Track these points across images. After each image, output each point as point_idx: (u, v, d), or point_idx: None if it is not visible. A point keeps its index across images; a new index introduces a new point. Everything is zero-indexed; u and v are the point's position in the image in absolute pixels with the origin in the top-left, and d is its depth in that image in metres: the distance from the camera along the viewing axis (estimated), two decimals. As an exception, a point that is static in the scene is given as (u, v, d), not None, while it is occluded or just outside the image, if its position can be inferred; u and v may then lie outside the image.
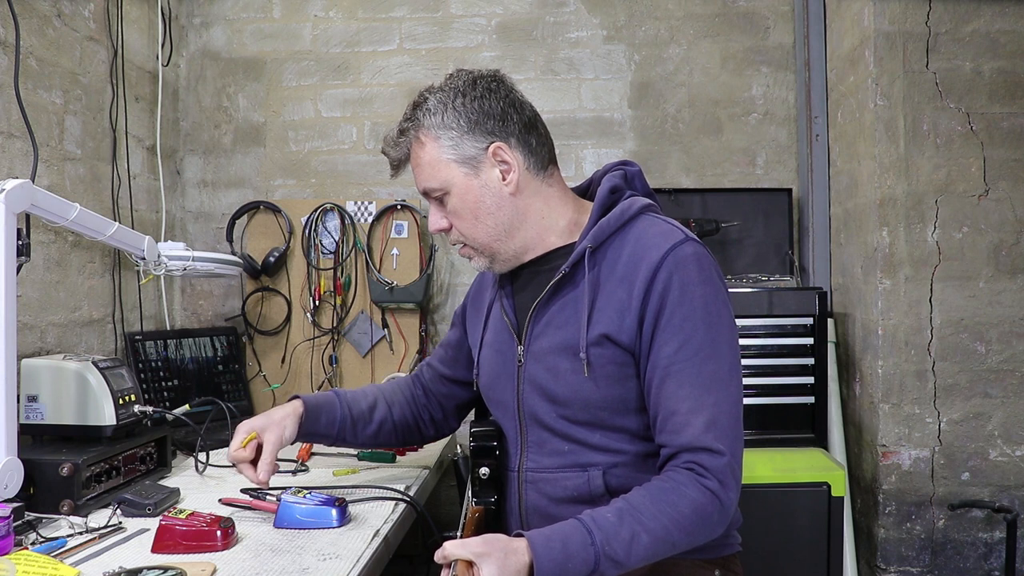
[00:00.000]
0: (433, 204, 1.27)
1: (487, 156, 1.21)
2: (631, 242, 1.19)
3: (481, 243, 1.26)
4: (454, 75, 1.26)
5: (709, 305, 1.14)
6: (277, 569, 1.20)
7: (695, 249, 1.16)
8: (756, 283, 2.47)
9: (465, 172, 1.22)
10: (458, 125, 1.21)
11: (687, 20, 2.63)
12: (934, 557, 2.12)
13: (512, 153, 1.22)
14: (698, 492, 1.07)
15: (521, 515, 1.26)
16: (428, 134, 1.22)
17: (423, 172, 1.24)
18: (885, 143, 2.14)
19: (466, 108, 1.21)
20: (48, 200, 1.49)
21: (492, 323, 1.36)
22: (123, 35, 2.31)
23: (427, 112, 1.22)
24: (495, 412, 1.35)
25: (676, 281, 1.13)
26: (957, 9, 2.11)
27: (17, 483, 1.35)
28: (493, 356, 1.34)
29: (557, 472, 1.22)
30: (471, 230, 1.25)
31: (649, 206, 1.25)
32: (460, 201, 1.23)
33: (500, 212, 1.23)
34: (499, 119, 1.22)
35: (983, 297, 2.12)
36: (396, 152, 1.26)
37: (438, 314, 2.67)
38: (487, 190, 1.22)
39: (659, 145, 2.64)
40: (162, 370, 2.29)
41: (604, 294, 1.18)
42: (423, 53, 2.69)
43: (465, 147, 1.21)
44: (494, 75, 1.26)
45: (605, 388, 1.17)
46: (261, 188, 2.71)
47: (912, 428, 2.13)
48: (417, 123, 1.23)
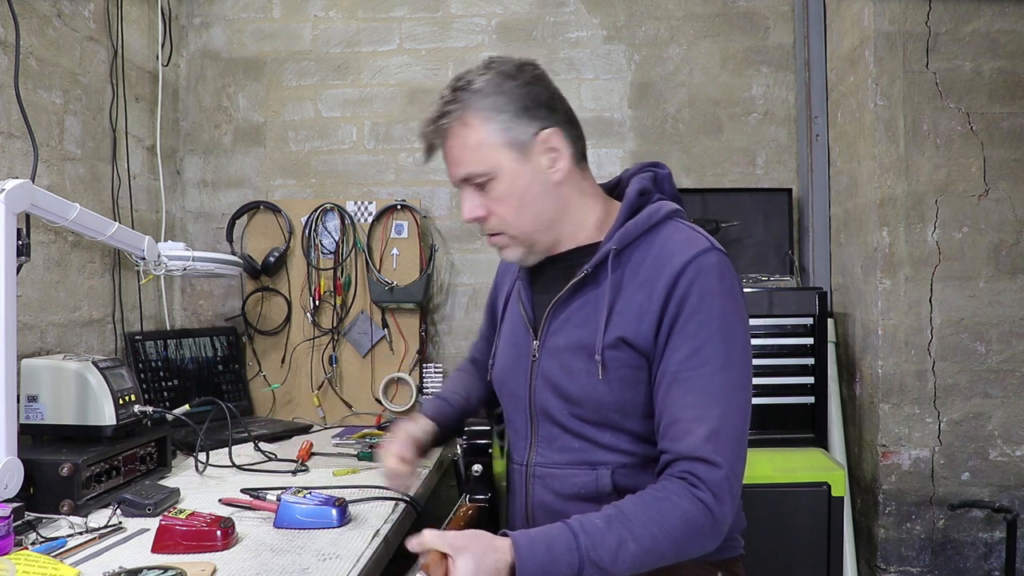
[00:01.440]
0: (469, 191, 1.20)
1: (536, 142, 1.18)
2: (656, 247, 1.18)
3: (523, 232, 1.21)
4: (495, 60, 1.20)
5: (726, 316, 1.12)
6: (277, 569, 1.20)
7: (719, 259, 1.15)
8: (756, 283, 2.47)
9: (514, 157, 1.17)
10: (510, 108, 1.16)
11: (687, 20, 2.63)
12: (934, 557, 2.12)
13: (561, 139, 1.19)
14: (690, 504, 1.05)
15: (527, 510, 1.25)
16: (477, 116, 1.16)
17: (468, 155, 1.17)
18: (885, 143, 2.14)
19: (517, 92, 1.17)
20: (48, 200, 1.49)
21: (509, 315, 1.35)
22: (123, 35, 2.31)
23: (475, 93, 1.16)
24: (505, 405, 1.34)
25: (696, 288, 1.12)
26: (957, 9, 2.11)
27: (17, 483, 1.35)
28: (508, 349, 1.33)
29: (566, 468, 1.21)
30: (515, 218, 1.20)
31: (676, 211, 1.23)
32: (507, 187, 1.18)
33: (545, 200, 1.20)
34: (547, 106, 1.19)
35: (983, 297, 2.12)
36: (435, 134, 1.19)
37: (438, 314, 2.67)
38: (536, 177, 1.18)
39: (659, 145, 2.64)
40: (162, 370, 2.29)
41: (624, 297, 1.17)
42: (423, 53, 2.69)
43: (516, 131, 1.16)
44: (535, 63, 1.22)
45: (618, 391, 1.16)
46: (261, 188, 2.71)
47: (912, 428, 2.13)
48: (464, 104, 1.16)
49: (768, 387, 2.23)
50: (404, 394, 2.53)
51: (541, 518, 1.23)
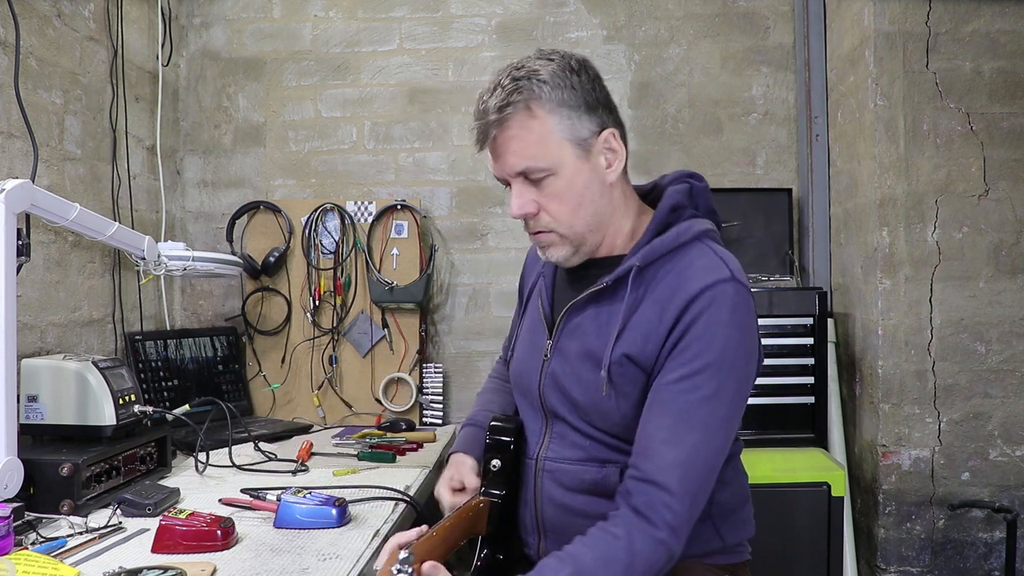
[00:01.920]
0: (520, 185, 1.15)
1: (598, 141, 1.15)
2: (678, 269, 1.15)
3: (576, 232, 1.17)
4: (556, 52, 1.16)
5: (727, 349, 1.10)
6: (277, 569, 1.20)
7: (736, 290, 1.12)
8: (756, 283, 2.47)
9: (577, 154, 1.14)
10: (577, 103, 1.12)
11: (687, 20, 2.63)
12: (934, 557, 2.12)
13: (619, 142, 1.17)
14: (651, 548, 1.04)
15: (536, 504, 1.25)
16: (544, 107, 1.11)
17: (530, 147, 1.12)
18: (885, 143, 2.14)
19: (583, 88, 1.13)
20: (48, 200, 1.49)
21: (531, 310, 1.35)
22: (123, 35, 2.31)
23: (542, 83, 1.11)
24: (519, 399, 1.35)
25: (705, 316, 1.10)
26: (957, 9, 2.11)
27: (17, 483, 1.35)
28: (525, 344, 1.33)
29: (576, 464, 1.21)
30: (570, 217, 1.16)
31: (707, 232, 1.21)
32: (567, 184, 1.14)
33: (601, 201, 1.17)
34: (607, 106, 1.17)
35: (983, 297, 2.12)
36: (495, 124, 1.12)
37: (438, 314, 2.67)
38: (594, 176, 1.16)
39: (659, 145, 2.64)
40: (162, 370, 2.29)
41: (638, 314, 1.16)
42: (423, 53, 2.69)
43: (581, 128, 1.13)
44: (590, 61, 1.19)
45: (624, 406, 1.16)
46: (261, 188, 2.71)
47: (912, 428, 2.13)
48: (531, 93, 1.11)
49: (768, 387, 2.23)
50: (404, 394, 2.53)
51: (548, 511, 1.23)
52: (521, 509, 1.29)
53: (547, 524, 1.24)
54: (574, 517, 1.17)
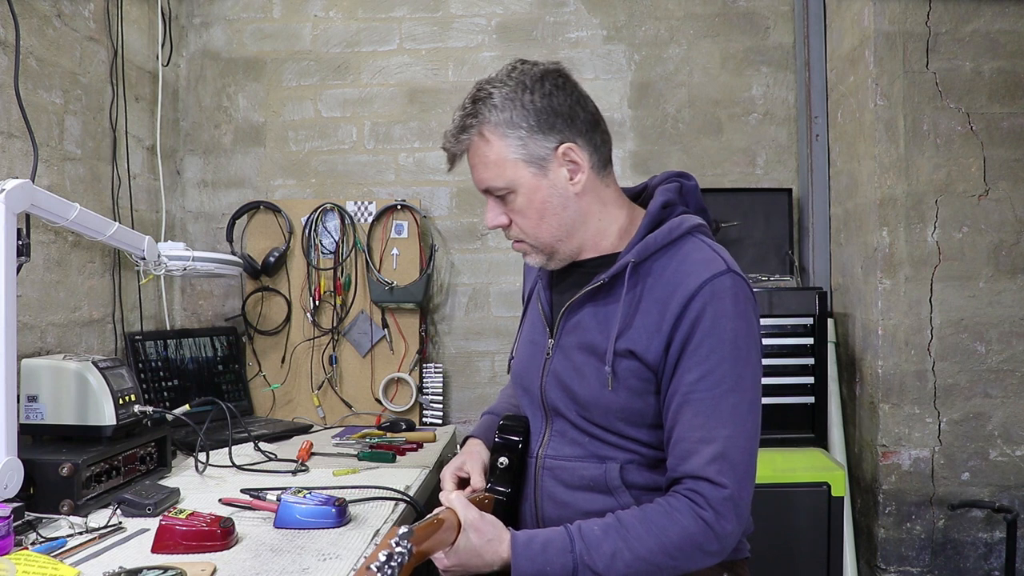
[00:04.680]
0: (492, 200, 1.22)
1: (556, 156, 1.17)
2: (674, 263, 1.18)
3: (543, 242, 1.22)
4: (518, 68, 1.19)
5: (738, 340, 1.13)
6: (277, 569, 1.20)
7: (734, 282, 1.15)
8: (756, 283, 2.47)
9: (533, 172, 1.17)
10: (527, 124, 1.15)
11: (687, 20, 2.63)
12: (934, 557, 2.12)
13: (580, 153, 1.18)
14: (691, 520, 1.08)
15: (536, 501, 1.27)
16: (494, 132, 1.16)
17: (488, 171, 1.18)
18: (885, 143, 2.14)
19: (535, 106, 1.15)
20: (48, 200, 1.49)
21: (531, 311, 1.38)
22: (123, 35, 2.31)
23: (492, 108, 1.16)
24: (521, 399, 1.36)
25: (709, 312, 1.12)
26: (957, 9, 2.11)
27: (17, 483, 1.35)
28: (526, 344, 1.35)
29: (576, 461, 1.23)
30: (534, 229, 1.21)
31: (699, 227, 1.24)
32: (527, 201, 1.19)
33: (565, 212, 1.20)
34: (567, 117, 1.18)
35: (983, 297, 2.11)
36: (457, 148, 1.19)
37: (438, 314, 2.67)
38: (554, 190, 1.19)
39: (659, 145, 2.64)
40: (162, 370, 2.29)
41: (639, 312, 1.18)
42: (423, 53, 2.69)
43: (534, 146, 1.16)
44: (559, 70, 1.21)
45: (626, 400, 1.18)
46: (261, 188, 2.71)
47: (912, 428, 2.13)
48: (482, 119, 1.16)
49: (768, 387, 2.22)
50: (404, 394, 2.53)
51: (548, 508, 1.25)
52: (522, 505, 1.30)
53: (547, 521, 1.25)
54: (573, 514, 1.18)
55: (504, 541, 1.06)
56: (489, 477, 1.30)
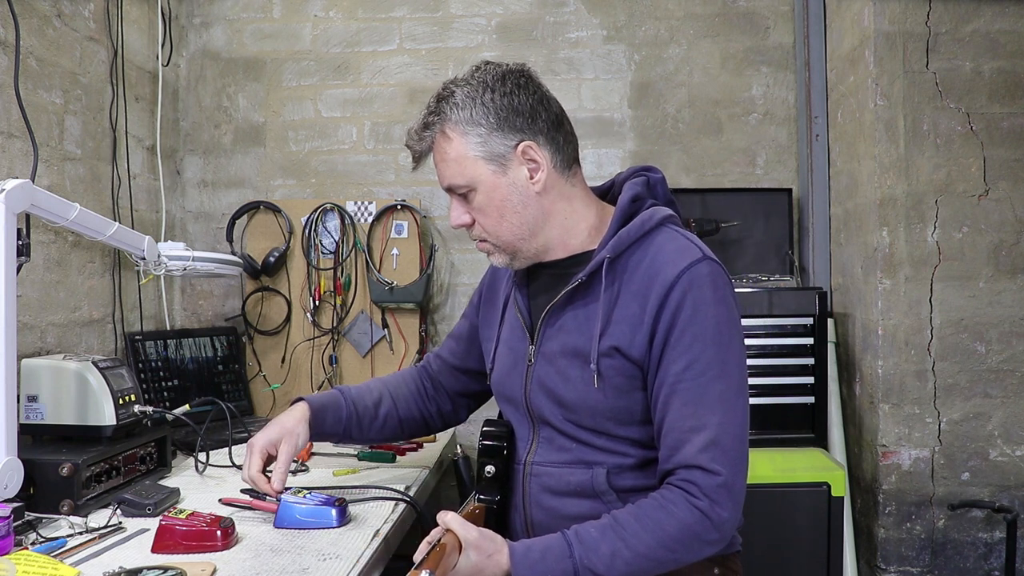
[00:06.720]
0: (455, 199, 1.24)
1: (515, 154, 1.18)
2: (649, 255, 1.18)
3: (504, 241, 1.23)
4: (481, 68, 1.21)
5: (720, 326, 1.13)
6: (277, 569, 1.20)
7: (711, 268, 1.16)
8: (756, 283, 2.47)
9: (493, 170, 1.19)
10: (487, 122, 1.17)
11: (687, 20, 2.63)
12: (934, 557, 2.12)
13: (540, 152, 1.19)
14: (686, 512, 1.07)
15: (524, 508, 1.27)
16: (455, 129, 1.18)
17: (449, 168, 1.20)
18: (885, 143, 2.14)
19: (495, 104, 1.17)
20: (48, 200, 1.49)
21: (508, 320, 1.36)
22: (123, 35, 2.31)
23: (454, 106, 1.18)
24: (504, 408, 1.36)
25: (689, 300, 1.13)
26: (957, 9, 2.11)
27: (17, 483, 1.35)
28: (506, 353, 1.34)
29: (563, 467, 1.23)
30: (495, 228, 1.22)
31: (670, 217, 1.24)
32: (486, 199, 1.20)
33: (526, 211, 1.21)
34: (528, 116, 1.19)
35: (983, 297, 2.11)
36: (420, 146, 1.22)
37: (438, 314, 2.67)
38: (514, 188, 1.20)
39: (659, 145, 2.64)
40: (162, 370, 2.29)
41: (619, 307, 1.18)
42: (423, 53, 2.69)
43: (493, 144, 1.18)
44: (522, 70, 1.22)
45: (613, 398, 1.18)
46: (261, 188, 2.71)
47: (912, 428, 2.12)
48: (443, 117, 1.19)
49: (768, 387, 2.23)
50: (404, 394, 2.53)
51: (537, 515, 1.25)
52: (511, 513, 1.30)
53: (536, 527, 1.25)
54: (562, 520, 1.18)
55: (503, 553, 1.06)
56: (476, 485, 1.30)
